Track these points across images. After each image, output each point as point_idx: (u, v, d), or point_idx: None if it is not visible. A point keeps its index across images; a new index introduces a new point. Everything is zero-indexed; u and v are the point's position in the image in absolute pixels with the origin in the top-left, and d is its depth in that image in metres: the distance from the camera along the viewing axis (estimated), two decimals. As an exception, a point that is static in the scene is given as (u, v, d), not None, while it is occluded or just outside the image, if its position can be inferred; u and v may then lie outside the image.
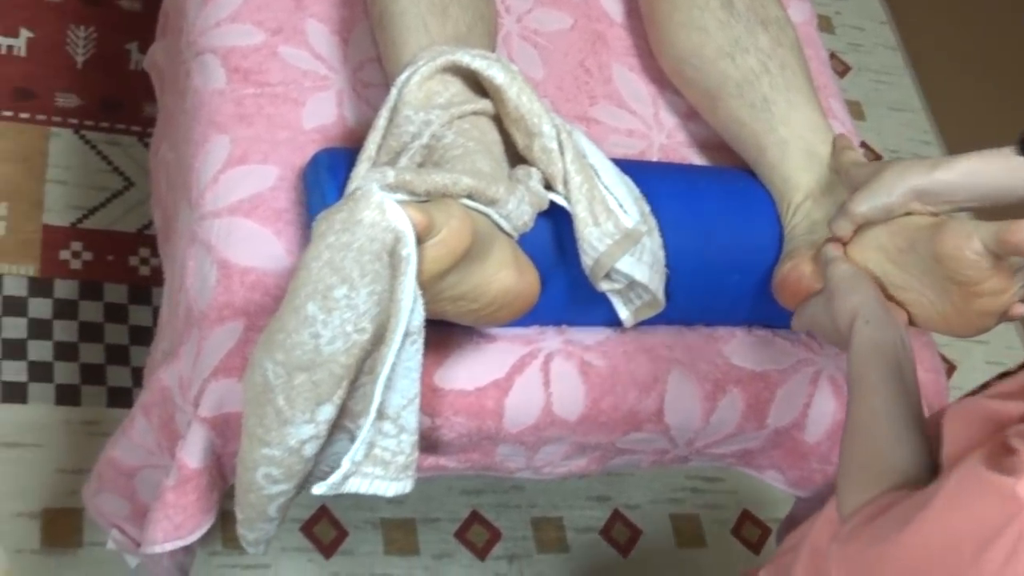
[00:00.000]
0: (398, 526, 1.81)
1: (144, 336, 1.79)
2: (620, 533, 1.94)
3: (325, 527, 1.77)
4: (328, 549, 1.75)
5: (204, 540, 1.64)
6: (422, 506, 1.84)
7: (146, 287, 1.85)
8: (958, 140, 2.83)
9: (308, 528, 1.76)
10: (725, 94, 1.36)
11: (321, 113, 1.30)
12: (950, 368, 2.42)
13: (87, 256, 1.85)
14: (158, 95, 1.56)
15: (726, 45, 1.35)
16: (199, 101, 1.29)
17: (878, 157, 2.72)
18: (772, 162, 1.31)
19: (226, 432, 1.14)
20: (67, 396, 1.72)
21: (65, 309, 1.79)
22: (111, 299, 1.83)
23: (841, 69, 2.84)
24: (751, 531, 2.03)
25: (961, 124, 2.87)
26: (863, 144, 2.71)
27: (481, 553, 1.84)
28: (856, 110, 2.77)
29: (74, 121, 1.97)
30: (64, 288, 1.81)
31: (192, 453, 1.14)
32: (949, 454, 0.88)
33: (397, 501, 1.83)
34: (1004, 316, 1.13)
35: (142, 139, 1.98)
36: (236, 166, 1.23)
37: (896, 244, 1.15)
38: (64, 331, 1.77)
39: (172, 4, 1.51)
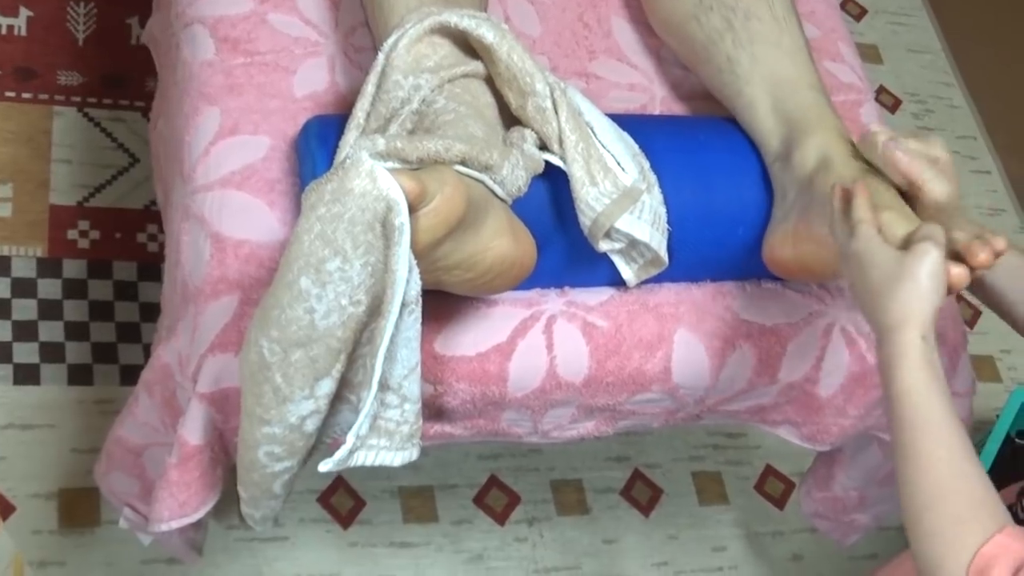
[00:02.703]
0: (416, 494, 1.80)
1: (155, 313, 1.77)
2: (641, 493, 1.93)
3: (342, 497, 1.76)
4: (346, 519, 1.75)
5: (221, 514, 1.65)
6: (439, 473, 1.83)
7: (155, 264, 1.84)
8: (979, 81, 2.77)
9: (325, 499, 1.75)
10: (695, 59, 1.35)
11: (313, 80, 1.28)
12: (975, 312, 2.38)
13: (95, 235, 1.84)
14: (158, 69, 1.54)
15: (691, 7, 1.33)
16: (189, 73, 1.27)
17: (898, 101, 2.67)
18: (745, 124, 1.29)
19: (226, 407, 1.13)
20: (79, 376, 1.72)
21: (74, 289, 1.78)
22: (120, 277, 1.82)
23: (857, 12, 2.78)
24: (774, 486, 2.01)
25: (983, 65, 2.80)
26: (881, 88, 2.67)
27: (500, 518, 1.83)
28: (873, 54, 2.72)
29: (77, 99, 1.96)
30: (73, 268, 1.80)
31: (193, 430, 1.14)
32: None
33: (414, 468, 1.81)
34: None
35: (146, 115, 1.97)
36: (227, 138, 1.21)
37: None
38: (74, 311, 1.77)
39: (163, -24, 1.48)
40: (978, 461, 0.92)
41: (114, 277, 1.82)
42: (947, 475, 0.90)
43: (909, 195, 1.13)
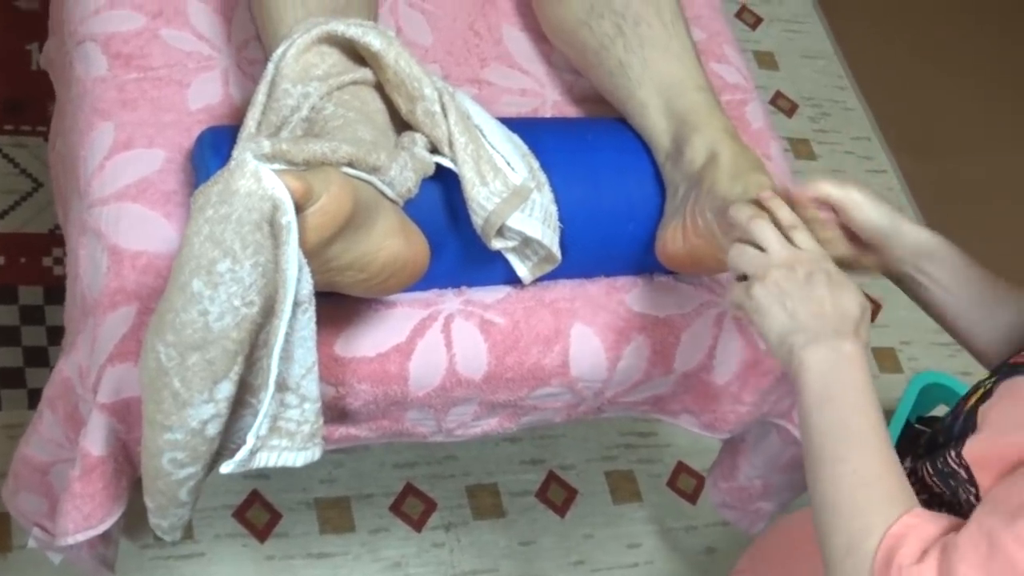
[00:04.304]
0: (332, 504, 1.82)
1: (62, 336, 1.77)
2: (556, 494, 1.96)
3: (258, 511, 1.77)
4: (262, 533, 1.75)
5: (135, 533, 1.64)
6: (355, 482, 1.85)
7: (61, 287, 1.81)
8: (872, 84, 2.87)
9: (240, 513, 1.76)
10: (587, 64, 1.39)
11: (207, 93, 1.30)
12: (876, 306, 2.45)
13: (0, 260, 1.84)
14: (55, 90, 1.55)
15: (582, 14, 1.37)
16: (82, 90, 1.28)
17: (795, 105, 2.75)
18: (637, 125, 1.33)
19: (127, 418, 1.14)
20: (-13, 401, 1.71)
21: (-21, 315, 1.78)
22: (26, 301, 1.82)
23: (753, 21, 2.86)
24: (686, 482, 2.06)
25: (874, 67, 2.90)
26: (778, 93, 2.75)
27: (417, 525, 1.85)
28: (769, 60, 2.80)
29: (-23, 126, 1.95)
30: (-23, 294, 1.79)
31: (95, 441, 1.14)
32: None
33: (329, 479, 1.83)
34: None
35: (48, 139, 1.96)
36: (121, 152, 1.22)
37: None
38: (-21, 337, 1.76)
39: (56, -3, 1.49)
40: (893, 457, 0.92)
41: (20, 302, 1.81)
42: (858, 481, 0.91)
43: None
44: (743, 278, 1.03)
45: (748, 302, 1.01)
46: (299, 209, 0.96)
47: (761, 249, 1.02)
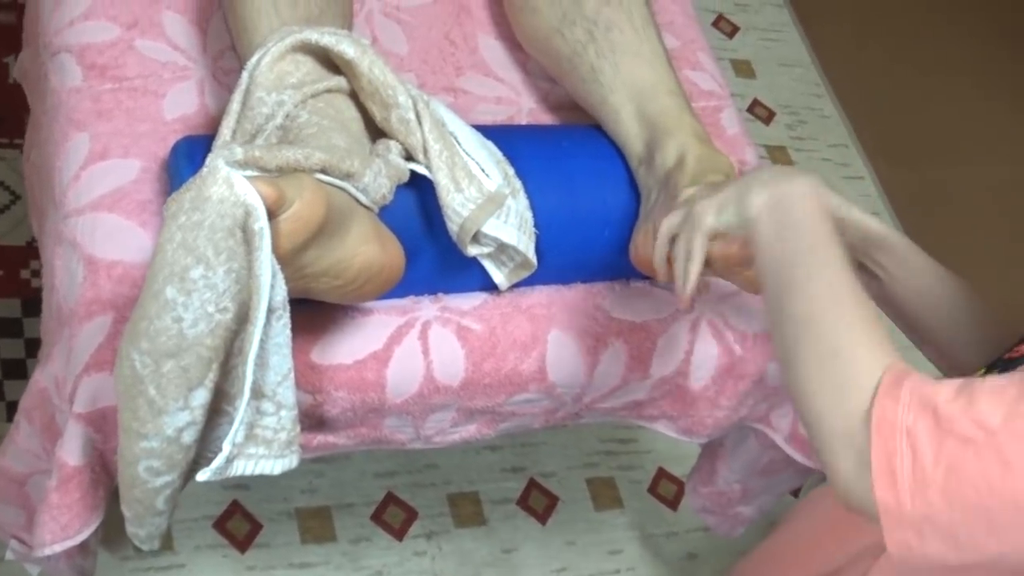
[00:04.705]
0: (313, 514, 1.81)
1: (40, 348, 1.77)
2: (537, 501, 1.96)
3: (238, 522, 1.76)
4: (243, 543, 1.75)
5: (114, 545, 1.64)
6: (336, 492, 1.85)
7: (39, 299, 1.82)
8: (848, 91, 2.89)
9: (221, 524, 1.75)
10: (561, 71, 1.40)
11: (182, 103, 1.30)
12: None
13: (-23, 273, 1.83)
14: (29, 101, 1.55)
15: (555, 21, 1.38)
16: (57, 101, 1.28)
17: (772, 113, 2.77)
18: (611, 130, 1.34)
19: (104, 427, 1.14)
20: (-35, 414, 1.70)
21: (-42, 328, 1.77)
22: (5, 314, 1.81)
23: (730, 30, 2.88)
24: (667, 488, 2.06)
25: (850, 75, 2.92)
26: (756, 101, 2.76)
27: (398, 534, 1.85)
28: (747, 68, 2.82)
29: (-47, 138, 1.95)
30: (-45, 307, 1.79)
31: (71, 451, 1.14)
32: None
33: (310, 488, 1.83)
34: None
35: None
36: (97, 162, 1.23)
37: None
38: (-42, 350, 1.75)
39: (31, 8, 1.49)
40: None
41: (-2, 314, 1.81)
42: (836, 294, 0.87)
43: None
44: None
45: (687, 223, 1.03)
46: (272, 215, 0.97)
47: None
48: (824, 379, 0.84)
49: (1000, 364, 0.98)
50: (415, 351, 1.23)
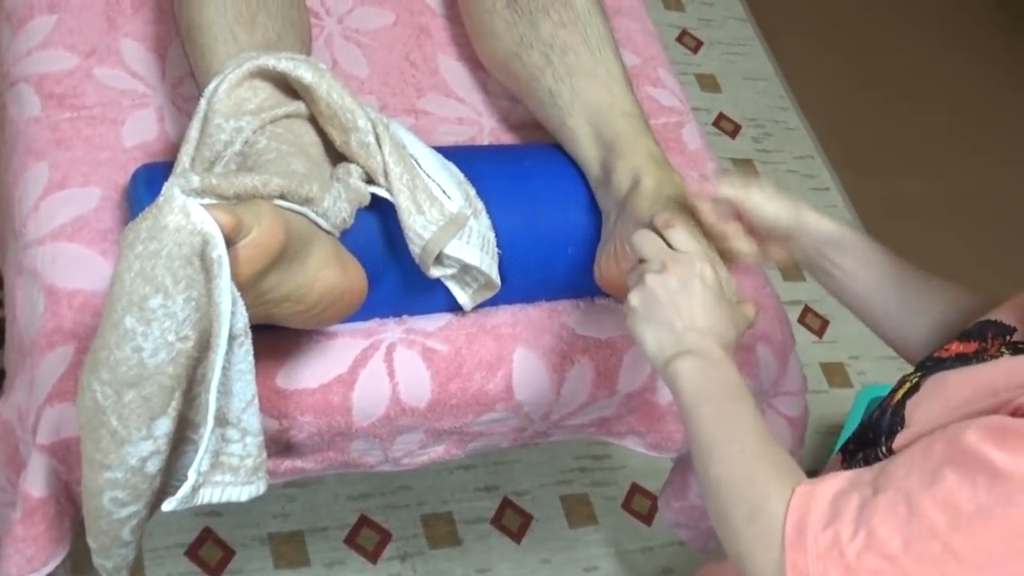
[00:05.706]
0: (286, 539, 1.80)
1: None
2: (511, 520, 1.96)
3: (211, 548, 1.75)
4: (215, 570, 1.74)
5: (84, 576, 1.63)
6: (309, 517, 1.84)
7: (3, 330, 1.82)
8: (812, 103, 2.91)
9: (193, 551, 1.74)
10: (521, 94, 1.42)
11: (142, 130, 1.30)
12: (824, 322, 2.47)
13: (-60, 305, 1.82)
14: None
15: (512, 45, 1.39)
16: (16, 131, 1.28)
17: (737, 127, 2.78)
18: (571, 152, 1.35)
19: (68, 458, 1.13)
20: (-70, 448, 1.68)
21: (-80, 360, 1.75)
22: (-30, 345, 1.80)
23: (694, 44, 2.89)
24: (641, 503, 2.06)
25: (814, 87, 2.94)
26: (721, 115, 2.78)
27: (372, 556, 1.84)
28: (712, 83, 2.83)
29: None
30: (-82, 339, 1.77)
31: (35, 482, 1.13)
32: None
33: (283, 513, 1.82)
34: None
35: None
36: (56, 191, 1.22)
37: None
38: (-79, 382, 1.74)
39: (-11, 40, 1.49)
40: (774, 438, 0.96)
41: (-38, 346, 1.79)
42: (749, 456, 0.93)
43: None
44: None
45: (630, 311, 1.05)
46: (230, 242, 0.96)
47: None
48: (736, 498, 0.91)
49: (930, 363, 1.00)
50: (381, 373, 1.23)
